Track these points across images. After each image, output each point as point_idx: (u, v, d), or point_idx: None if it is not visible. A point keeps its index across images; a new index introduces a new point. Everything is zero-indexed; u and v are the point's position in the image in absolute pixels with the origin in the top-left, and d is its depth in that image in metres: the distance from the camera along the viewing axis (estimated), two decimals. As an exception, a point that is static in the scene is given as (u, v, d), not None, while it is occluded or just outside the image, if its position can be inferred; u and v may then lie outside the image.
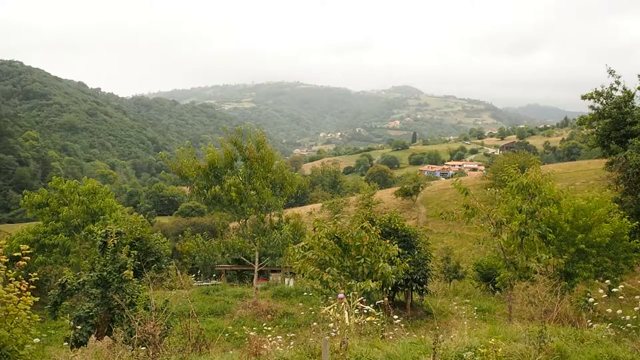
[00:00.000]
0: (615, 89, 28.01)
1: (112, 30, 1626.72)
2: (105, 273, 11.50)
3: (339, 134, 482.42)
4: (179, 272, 29.28)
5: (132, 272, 11.64)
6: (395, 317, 9.74)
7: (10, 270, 6.79)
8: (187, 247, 40.33)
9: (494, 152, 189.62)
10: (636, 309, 7.46)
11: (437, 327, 6.85)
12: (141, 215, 36.57)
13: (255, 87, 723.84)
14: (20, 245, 7.16)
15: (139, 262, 21.26)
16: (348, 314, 7.85)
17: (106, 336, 9.24)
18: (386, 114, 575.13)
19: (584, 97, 28.70)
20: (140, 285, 11.92)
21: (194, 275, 33.33)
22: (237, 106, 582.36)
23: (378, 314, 8.50)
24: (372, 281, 11.03)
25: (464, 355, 6.61)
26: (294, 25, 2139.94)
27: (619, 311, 7.84)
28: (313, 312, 11.19)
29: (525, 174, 14.54)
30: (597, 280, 18.97)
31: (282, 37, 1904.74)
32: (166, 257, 29.05)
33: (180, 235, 53.14)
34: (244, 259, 26.23)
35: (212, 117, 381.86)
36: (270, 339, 8.34)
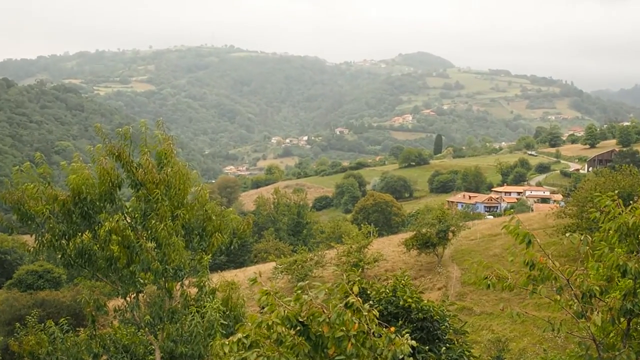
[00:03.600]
0: None
1: None
2: None
3: (306, 138, 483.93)
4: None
5: None
6: None
7: None
8: (31, 345, 39.59)
9: (578, 170, 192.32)
10: None
11: None
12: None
13: (155, 56, 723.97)
14: None
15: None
16: None
17: None
18: (389, 103, 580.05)
19: None
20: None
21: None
22: (122, 89, 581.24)
23: None
24: (366, 402, 11.03)
25: None
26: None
27: None
28: None
29: (632, 207, 14.80)
30: None
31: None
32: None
33: (17, 324, 52.31)
34: (134, 365, 25.97)
35: (78, 109, 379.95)
36: None
